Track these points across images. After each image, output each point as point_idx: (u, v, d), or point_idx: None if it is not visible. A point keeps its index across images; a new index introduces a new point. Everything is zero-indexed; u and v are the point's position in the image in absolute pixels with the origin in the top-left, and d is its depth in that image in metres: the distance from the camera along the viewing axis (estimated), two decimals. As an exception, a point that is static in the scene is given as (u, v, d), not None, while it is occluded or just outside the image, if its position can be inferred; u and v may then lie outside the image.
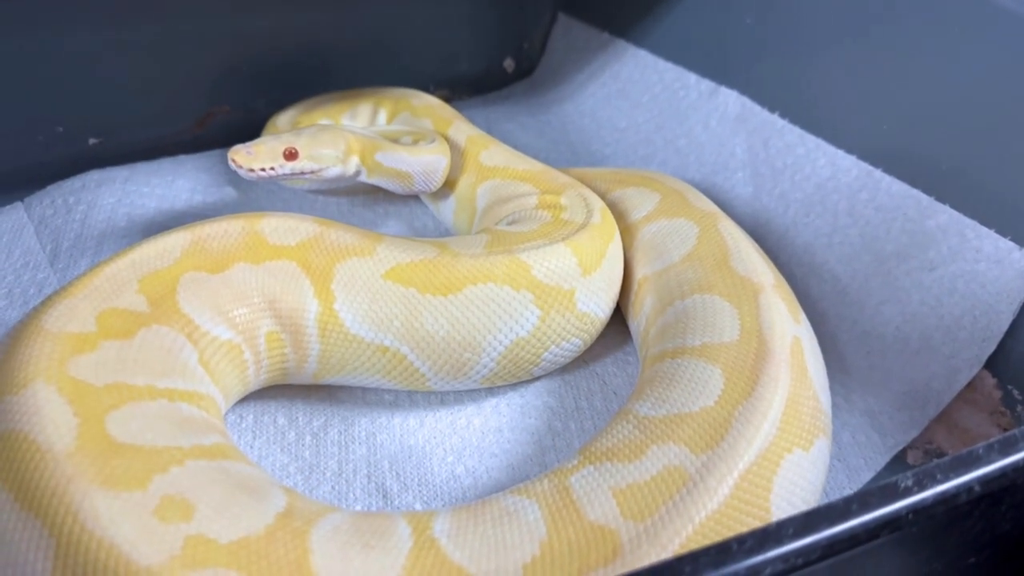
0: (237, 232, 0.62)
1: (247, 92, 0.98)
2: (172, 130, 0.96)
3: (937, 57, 0.74)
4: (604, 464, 0.52)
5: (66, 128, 0.90)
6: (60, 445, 0.44)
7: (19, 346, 0.50)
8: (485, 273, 0.63)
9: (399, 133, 0.84)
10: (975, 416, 0.71)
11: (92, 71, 0.88)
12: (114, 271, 0.57)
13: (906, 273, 0.74)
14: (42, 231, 0.81)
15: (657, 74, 1.00)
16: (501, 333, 0.63)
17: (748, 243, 0.71)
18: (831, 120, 0.83)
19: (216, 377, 0.57)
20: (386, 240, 0.65)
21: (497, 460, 0.65)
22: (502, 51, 1.15)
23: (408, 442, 0.65)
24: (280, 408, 0.67)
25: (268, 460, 0.63)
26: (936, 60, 0.74)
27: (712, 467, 0.50)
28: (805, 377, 0.58)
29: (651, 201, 0.78)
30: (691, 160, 0.94)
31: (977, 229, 0.71)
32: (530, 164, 0.81)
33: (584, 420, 0.68)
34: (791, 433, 0.54)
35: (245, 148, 0.72)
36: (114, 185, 0.86)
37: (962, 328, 0.70)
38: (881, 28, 0.78)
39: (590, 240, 0.68)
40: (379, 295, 0.61)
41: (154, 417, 0.48)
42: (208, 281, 0.58)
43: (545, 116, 1.09)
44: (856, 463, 0.67)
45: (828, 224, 0.80)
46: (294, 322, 0.60)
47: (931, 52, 0.74)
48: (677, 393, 0.56)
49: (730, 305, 0.63)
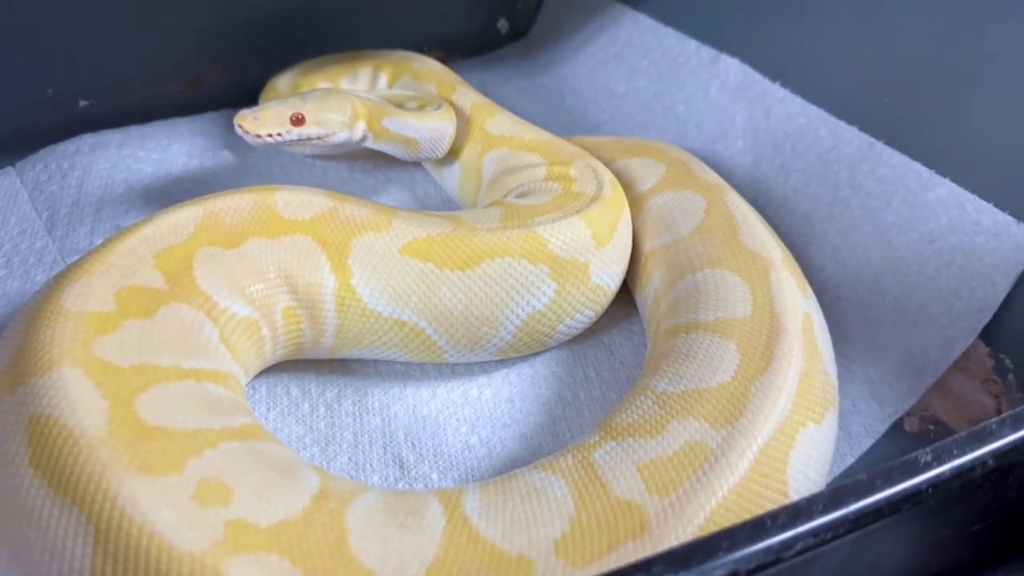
0: (250, 206, 0.61)
1: (240, 53, 0.96)
2: (164, 92, 0.94)
3: (941, 31, 0.74)
4: (626, 440, 0.53)
5: (56, 90, 0.88)
6: (93, 430, 0.44)
7: (40, 326, 0.49)
8: (502, 247, 0.63)
9: (404, 98, 0.83)
10: (968, 383, 0.73)
11: (82, 31, 0.86)
12: (128, 247, 0.56)
13: (905, 244, 0.75)
14: (37, 197, 0.79)
15: (656, 39, 1.00)
16: (518, 307, 0.64)
17: (755, 217, 0.71)
18: (833, 91, 0.83)
19: (236, 354, 0.57)
20: (401, 214, 0.64)
21: (510, 430, 0.66)
22: (496, 11, 1.14)
23: (422, 412, 0.66)
24: (293, 379, 0.67)
25: (284, 432, 0.63)
26: (939, 34, 0.75)
27: (732, 442, 0.51)
28: (815, 352, 0.59)
29: (656, 172, 0.78)
30: (691, 127, 0.94)
31: (976, 203, 0.72)
32: (537, 133, 0.80)
33: (593, 389, 0.69)
34: (805, 407, 0.55)
35: (251, 113, 0.71)
36: (109, 150, 0.84)
37: (959, 299, 0.71)
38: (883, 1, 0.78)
39: (602, 213, 0.69)
40: (396, 270, 0.61)
41: (183, 398, 0.48)
42: (224, 256, 0.58)
43: (540, 79, 1.08)
44: (857, 431, 0.69)
45: (829, 194, 0.81)
46: (311, 297, 0.60)
47: (934, 25, 0.75)
48: (694, 368, 0.57)
49: (741, 280, 0.64)
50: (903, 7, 0.77)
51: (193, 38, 0.93)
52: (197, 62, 0.95)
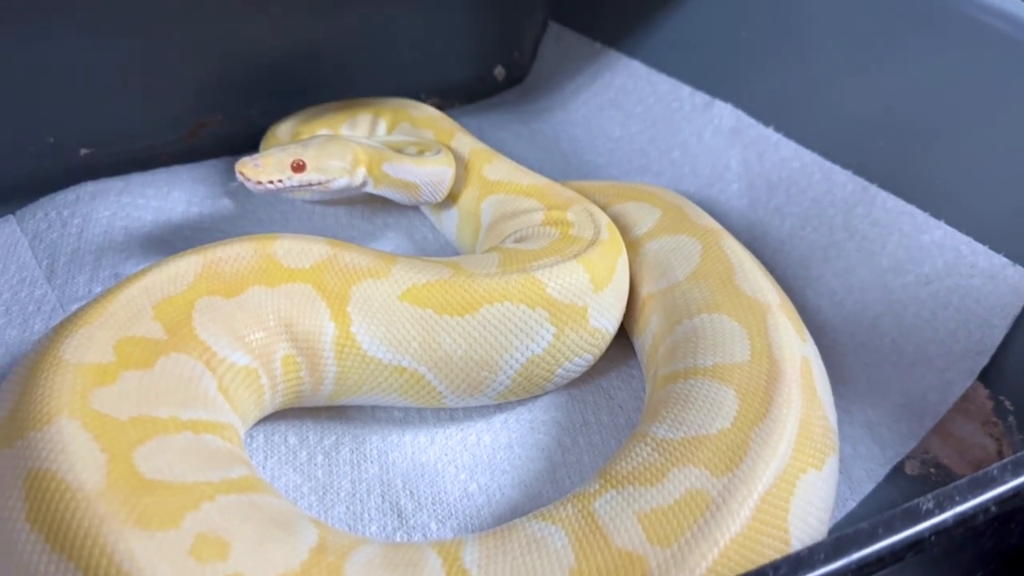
0: (250, 255, 0.61)
1: (240, 101, 0.97)
2: (165, 140, 0.94)
3: (933, 75, 0.76)
4: (627, 488, 0.52)
5: (57, 138, 0.88)
6: (91, 484, 0.43)
7: (38, 379, 0.49)
8: (501, 292, 0.63)
9: (403, 144, 0.83)
10: (968, 426, 0.73)
11: (83, 80, 0.87)
12: (128, 297, 0.56)
13: (902, 287, 0.75)
14: (37, 246, 0.79)
15: (650, 85, 1.01)
16: (517, 351, 0.64)
17: (751, 261, 0.72)
18: (826, 135, 0.84)
19: (235, 404, 0.57)
20: (400, 261, 0.65)
21: (509, 477, 0.65)
22: (493, 59, 1.15)
23: (420, 459, 0.66)
24: (290, 427, 0.67)
25: (281, 481, 0.63)
26: (932, 78, 0.76)
27: (733, 490, 0.51)
28: (815, 397, 0.59)
29: (652, 216, 0.79)
30: (686, 172, 0.95)
31: (972, 245, 0.73)
32: (534, 179, 0.81)
33: (592, 434, 0.69)
34: (805, 454, 0.55)
35: (252, 161, 0.71)
36: (109, 197, 0.85)
37: (957, 341, 0.72)
38: (877, 44, 0.80)
39: (600, 257, 0.69)
40: (396, 317, 0.61)
41: (181, 451, 0.48)
42: (223, 306, 0.58)
43: (537, 124, 1.09)
44: (858, 475, 0.69)
45: (824, 238, 0.81)
46: (311, 345, 0.60)
47: (927, 70, 0.76)
48: (693, 415, 0.57)
49: (739, 325, 0.64)
50: (895, 52, 0.78)
51: (194, 87, 0.94)
52: (198, 110, 0.96)
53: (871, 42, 0.80)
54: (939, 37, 0.74)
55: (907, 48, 0.77)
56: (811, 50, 0.86)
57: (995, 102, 0.72)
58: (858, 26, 0.81)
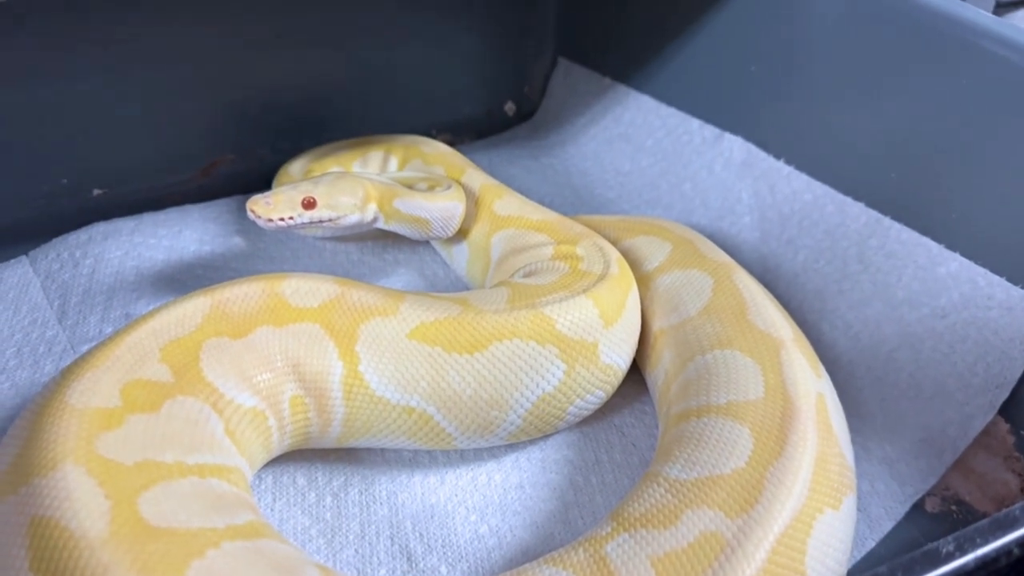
0: (258, 295, 0.61)
1: (252, 140, 0.98)
2: (177, 179, 0.95)
3: (944, 106, 0.75)
4: (639, 531, 0.51)
5: (70, 179, 0.89)
6: (94, 532, 0.43)
7: (44, 424, 0.49)
8: (510, 329, 0.63)
9: (414, 179, 0.84)
10: (990, 461, 0.71)
11: (96, 121, 0.88)
12: (135, 340, 0.56)
13: (918, 320, 0.74)
14: (49, 286, 0.80)
15: (660, 119, 1.01)
16: (528, 389, 0.63)
17: (764, 295, 0.71)
18: (838, 167, 0.84)
19: (242, 447, 0.56)
20: (408, 298, 0.64)
21: (520, 518, 0.64)
22: (503, 95, 1.16)
23: (430, 501, 0.65)
24: (299, 468, 0.66)
25: (289, 523, 0.62)
26: (943, 109, 0.75)
27: (748, 532, 0.49)
28: (831, 434, 0.58)
29: (662, 251, 0.78)
30: (696, 204, 0.94)
31: (988, 277, 0.72)
32: (544, 214, 0.81)
33: (605, 473, 0.68)
34: (821, 493, 0.54)
35: (263, 198, 0.72)
36: (120, 237, 0.85)
37: (975, 375, 0.70)
38: (886, 75, 0.79)
39: (610, 291, 0.69)
40: (404, 355, 0.61)
41: (186, 496, 0.47)
42: (231, 347, 0.58)
43: (547, 159, 1.10)
44: (877, 513, 0.67)
45: (838, 270, 0.81)
46: (318, 386, 0.60)
47: (938, 100, 0.76)
48: (707, 454, 0.56)
49: (752, 361, 0.63)
50: (905, 82, 0.78)
51: (206, 127, 0.95)
52: (210, 150, 0.97)
53: (880, 73, 0.80)
54: (949, 67, 0.74)
55: (917, 79, 0.77)
56: (820, 82, 0.85)
57: (1007, 132, 0.71)
58: (867, 57, 0.80)
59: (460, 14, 1.05)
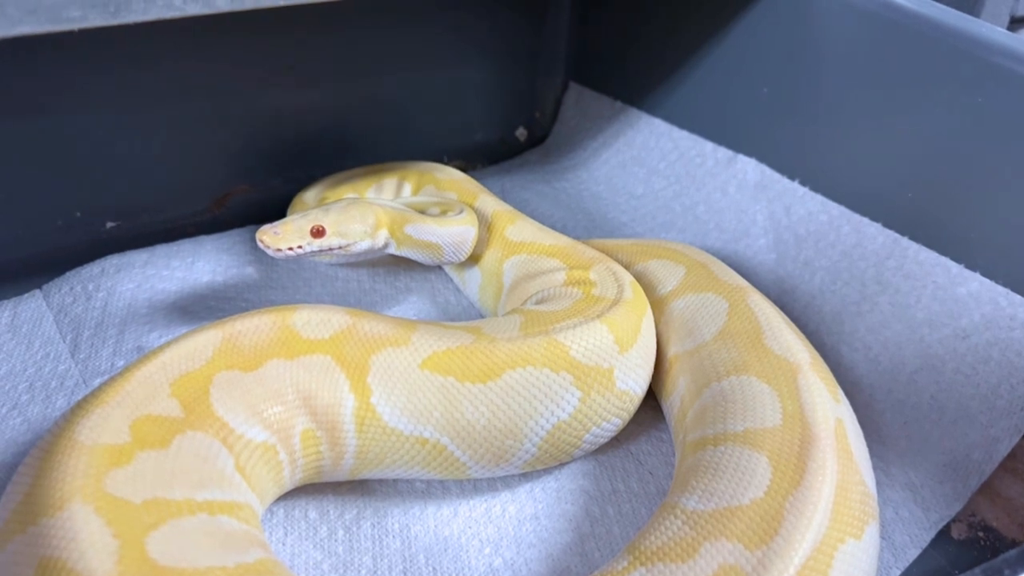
0: (269, 327, 0.61)
1: (265, 171, 0.98)
2: (191, 211, 0.96)
3: (960, 125, 0.74)
4: (656, 565, 0.50)
5: (84, 212, 0.90)
6: (101, 572, 0.42)
7: (53, 462, 0.48)
8: (523, 357, 0.62)
9: (426, 204, 0.84)
10: (1017, 485, 0.70)
11: (109, 154, 0.88)
12: (145, 375, 0.55)
13: (939, 341, 0.73)
14: (62, 320, 0.80)
15: (672, 142, 1.01)
16: (543, 417, 0.62)
17: (779, 319, 0.70)
18: (853, 188, 0.83)
19: (252, 482, 0.55)
20: (420, 328, 0.64)
21: (535, 550, 0.63)
22: (515, 120, 1.16)
23: (443, 533, 0.64)
24: (311, 501, 0.65)
25: (301, 558, 0.61)
26: (960, 128, 0.74)
27: (768, 564, 0.48)
28: (851, 461, 0.57)
29: (676, 275, 0.78)
30: (711, 227, 0.94)
31: (1010, 297, 0.70)
32: (556, 239, 0.80)
33: (622, 503, 0.67)
34: (842, 522, 0.52)
35: (272, 228, 0.72)
36: (133, 270, 0.85)
37: (999, 397, 0.69)
38: (900, 94, 0.79)
39: (624, 316, 0.68)
40: (417, 386, 0.60)
41: (195, 534, 0.47)
42: (241, 380, 0.57)
43: (560, 183, 1.09)
44: (901, 540, 0.65)
45: (856, 292, 0.79)
46: (330, 419, 0.59)
47: (954, 119, 0.75)
48: (724, 484, 0.55)
49: (769, 387, 0.62)
50: (919, 101, 0.77)
51: (220, 158, 0.96)
52: (224, 181, 0.97)
53: (894, 91, 0.79)
54: (963, 84, 0.73)
55: (931, 96, 0.76)
56: (833, 102, 0.85)
57: (1026, 150, 0.70)
58: (880, 75, 0.80)
59: (471, 41, 1.06)
